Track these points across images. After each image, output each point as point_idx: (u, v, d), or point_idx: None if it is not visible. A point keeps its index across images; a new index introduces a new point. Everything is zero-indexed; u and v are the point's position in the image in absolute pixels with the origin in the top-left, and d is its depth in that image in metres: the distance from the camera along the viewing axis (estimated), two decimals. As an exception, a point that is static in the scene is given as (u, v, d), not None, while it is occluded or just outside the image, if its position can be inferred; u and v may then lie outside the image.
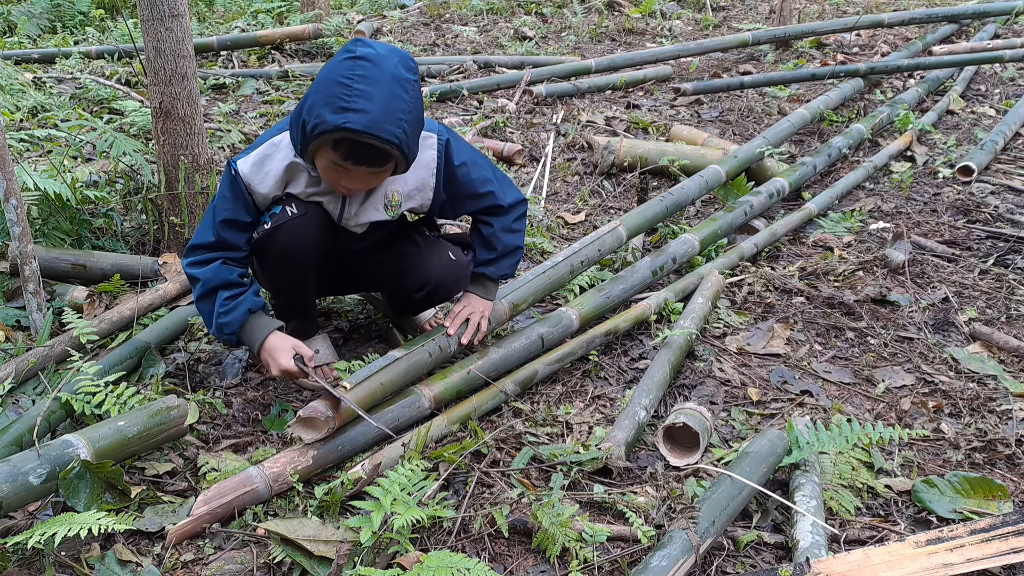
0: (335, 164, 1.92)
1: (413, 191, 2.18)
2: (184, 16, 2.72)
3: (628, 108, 4.91)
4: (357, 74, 1.82)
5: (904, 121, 4.37)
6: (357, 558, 1.65)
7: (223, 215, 2.08)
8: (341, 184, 2.00)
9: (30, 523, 1.77)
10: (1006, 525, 1.67)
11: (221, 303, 2.05)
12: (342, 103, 1.80)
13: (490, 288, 2.34)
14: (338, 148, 1.88)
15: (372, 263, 2.32)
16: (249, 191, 2.07)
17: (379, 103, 1.81)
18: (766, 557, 1.76)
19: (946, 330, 2.69)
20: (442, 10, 7.33)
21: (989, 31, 6.06)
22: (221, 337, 2.12)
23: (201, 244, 2.10)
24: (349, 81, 1.81)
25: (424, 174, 2.15)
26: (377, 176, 2.00)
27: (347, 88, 1.81)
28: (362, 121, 1.80)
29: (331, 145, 1.88)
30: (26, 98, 4.37)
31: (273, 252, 2.11)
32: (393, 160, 1.93)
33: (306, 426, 1.94)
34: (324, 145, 1.89)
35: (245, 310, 2.06)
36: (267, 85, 5.13)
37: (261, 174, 2.07)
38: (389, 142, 1.83)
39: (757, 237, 3.19)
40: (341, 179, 1.98)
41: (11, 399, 2.20)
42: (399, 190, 2.16)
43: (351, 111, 1.80)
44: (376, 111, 1.81)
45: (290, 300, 2.27)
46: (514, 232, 2.31)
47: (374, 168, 1.93)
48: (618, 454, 1.97)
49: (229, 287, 2.06)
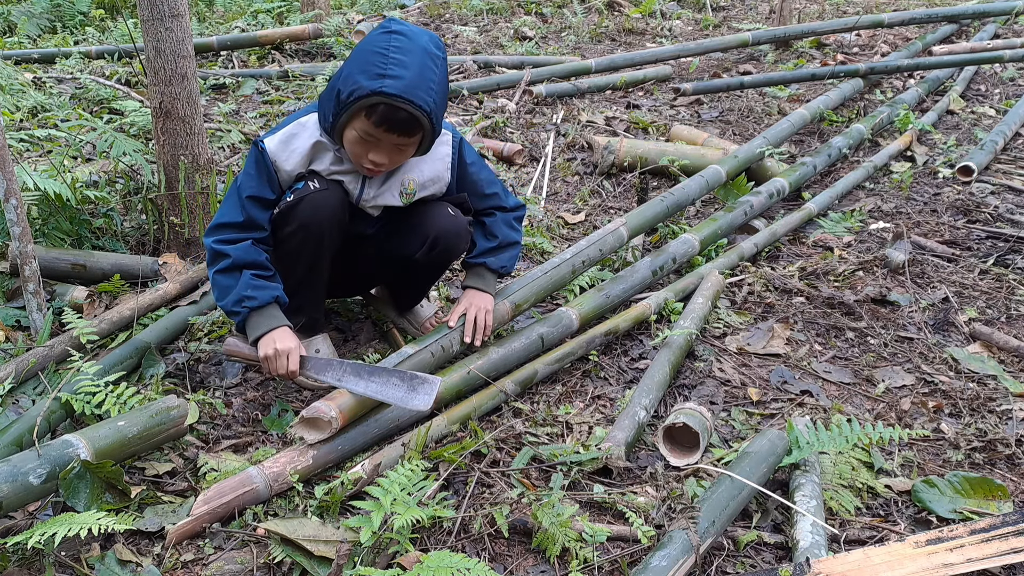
0: (366, 134, 2.00)
1: (428, 181, 2.24)
2: (184, 16, 2.72)
3: (628, 108, 4.91)
4: (393, 45, 1.94)
5: (904, 121, 4.37)
6: (357, 558, 1.65)
7: (249, 191, 2.12)
8: (368, 158, 2.05)
9: (30, 523, 1.77)
10: (1006, 525, 1.67)
11: (250, 278, 2.07)
12: (379, 70, 1.91)
13: (489, 280, 2.34)
14: (372, 114, 1.95)
15: (377, 240, 2.33)
16: (275, 168, 2.13)
17: (413, 71, 1.92)
18: (766, 557, 1.76)
19: (946, 330, 2.69)
20: (442, 10, 7.33)
21: (989, 31, 6.06)
22: (234, 308, 2.09)
23: (228, 223, 2.12)
24: (385, 51, 1.93)
25: (439, 167, 2.24)
26: (403, 150, 2.07)
27: (384, 56, 1.92)
28: (398, 86, 1.90)
29: (365, 112, 1.96)
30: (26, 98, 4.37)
31: (293, 224, 2.12)
32: (421, 132, 2.01)
33: (309, 426, 1.94)
34: (358, 113, 1.97)
35: (274, 296, 2.09)
36: (267, 85, 5.13)
37: (288, 151, 2.12)
38: (421, 108, 1.93)
39: (757, 237, 3.19)
40: (369, 151, 2.03)
41: (11, 399, 2.20)
42: (415, 179, 2.22)
43: (388, 77, 1.91)
44: (411, 77, 1.92)
45: (298, 285, 2.25)
46: (514, 228, 2.38)
47: (403, 137, 2.01)
48: (618, 454, 1.98)
49: (258, 267, 2.10)
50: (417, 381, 1.99)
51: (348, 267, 2.38)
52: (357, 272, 2.45)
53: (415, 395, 1.97)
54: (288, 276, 2.21)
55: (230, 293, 2.08)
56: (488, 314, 2.30)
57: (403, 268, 2.38)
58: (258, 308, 2.08)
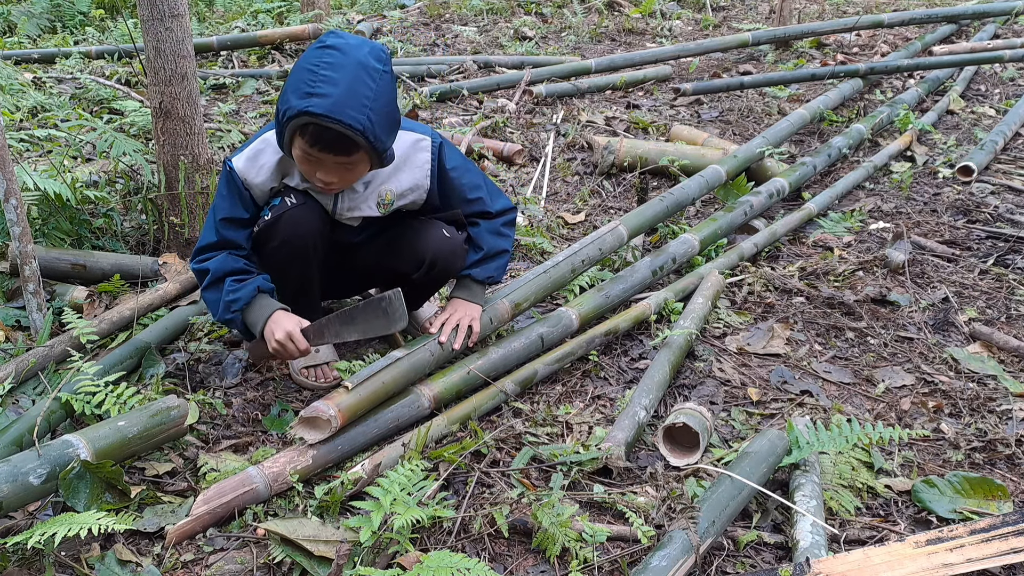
0: (306, 154, 1.96)
1: (407, 191, 2.20)
2: (184, 16, 2.72)
3: (628, 108, 4.91)
4: (324, 61, 1.87)
5: (904, 121, 4.37)
6: (357, 558, 1.65)
7: (222, 213, 2.12)
8: (317, 177, 2.01)
9: (30, 523, 1.77)
10: (1006, 525, 1.67)
11: (230, 284, 2.07)
12: (307, 88, 1.85)
13: (476, 291, 2.31)
14: (304, 134, 1.91)
15: (370, 253, 2.32)
16: (246, 186, 2.12)
17: (342, 88, 1.84)
18: (766, 557, 1.76)
19: (946, 330, 2.69)
20: (442, 10, 7.33)
21: (989, 31, 6.06)
22: (226, 317, 2.10)
23: (205, 245, 2.14)
24: (315, 68, 1.86)
25: (418, 175, 2.19)
26: (349, 170, 2.00)
27: (313, 74, 1.86)
28: (323, 105, 1.83)
29: (299, 132, 1.92)
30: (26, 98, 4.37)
31: (275, 242, 2.12)
32: (361, 150, 1.93)
33: (309, 426, 1.94)
34: (294, 133, 1.94)
35: (255, 287, 2.08)
36: (267, 85, 5.13)
37: (255, 167, 2.11)
38: (351, 127, 1.84)
39: (757, 237, 3.19)
40: (316, 170, 2.00)
41: (11, 399, 2.20)
42: (392, 189, 2.18)
43: (315, 95, 1.83)
44: (338, 95, 1.83)
45: (294, 296, 2.26)
46: (501, 236, 2.32)
47: (341, 157, 1.94)
48: (618, 454, 1.97)
49: (236, 273, 2.10)
50: (385, 303, 2.01)
51: (342, 272, 2.38)
52: (352, 274, 2.44)
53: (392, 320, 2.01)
54: (280, 289, 2.22)
55: (219, 305, 2.09)
56: (475, 321, 2.26)
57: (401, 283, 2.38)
58: (246, 305, 2.08)
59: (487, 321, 2.33)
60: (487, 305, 2.35)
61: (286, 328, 2.02)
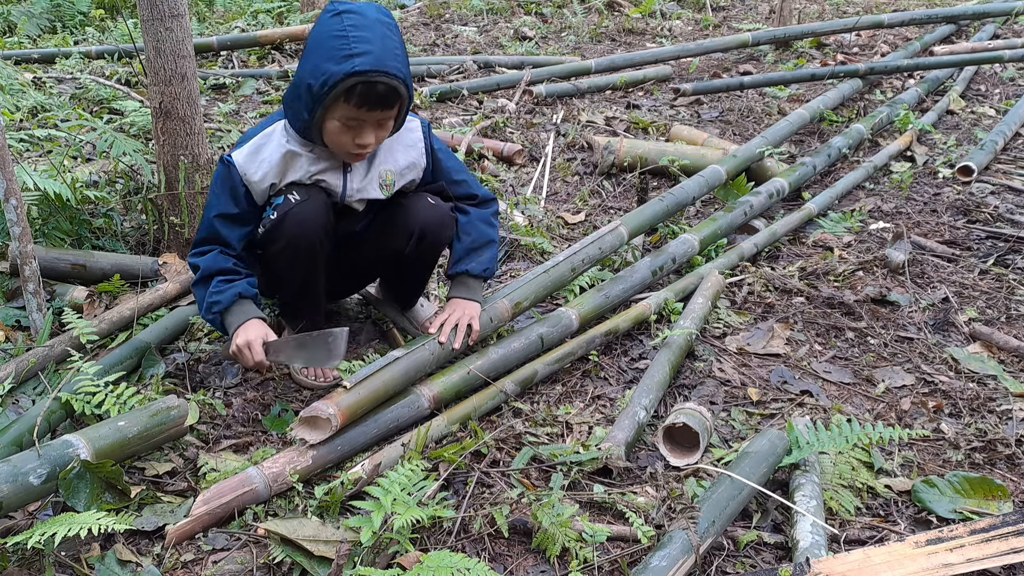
0: (348, 119, 1.99)
1: (405, 170, 2.25)
2: (184, 16, 2.72)
3: (628, 108, 4.91)
4: (348, 25, 1.92)
5: (904, 121, 4.37)
6: (357, 558, 1.65)
7: (215, 210, 2.13)
8: (354, 144, 2.03)
9: (30, 523, 1.77)
10: (1006, 525, 1.67)
11: (215, 285, 2.11)
12: (344, 52, 1.89)
13: (474, 287, 2.31)
14: (351, 97, 1.94)
15: (369, 241, 2.33)
16: (245, 182, 2.11)
17: (377, 44, 1.91)
18: (766, 557, 1.76)
19: (946, 330, 2.69)
20: (442, 10, 7.33)
21: (988, 31, 6.06)
22: (208, 317, 2.15)
23: (200, 239, 2.16)
24: (343, 33, 1.91)
25: (413, 154, 2.25)
26: (385, 124, 2.06)
27: (343, 39, 1.90)
28: (368, 61, 1.89)
29: (344, 97, 1.94)
30: (26, 98, 4.36)
31: (282, 241, 2.12)
32: (400, 101, 2.01)
33: (309, 426, 1.94)
34: (336, 101, 1.95)
35: (236, 293, 2.11)
36: (267, 85, 5.13)
37: (256, 162, 2.11)
38: (396, 76, 1.93)
39: (757, 237, 3.19)
40: (354, 136, 2.02)
41: (11, 399, 2.20)
42: (391, 169, 2.23)
43: (355, 55, 1.89)
44: (377, 50, 1.91)
45: (302, 295, 2.28)
46: (491, 225, 2.36)
47: (385, 111, 2.00)
48: (618, 454, 1.98)
49: (224, 273, 2.12)
50: (331, 339, 2.02)
51: (340, 269, 2.38)
52: (349, 273, 2.45)
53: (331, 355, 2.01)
54: (285, 290, 2.25)
55: (203, 304, 2.13)
56: (474, 319, 2.26)
57: (394, 264, 2.38)
58: (226, 309, 2.10)
59: (487, 321, 2.33)
60: (487, 304, 2.35)
61: (248, 337, 2.05)
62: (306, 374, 2.33)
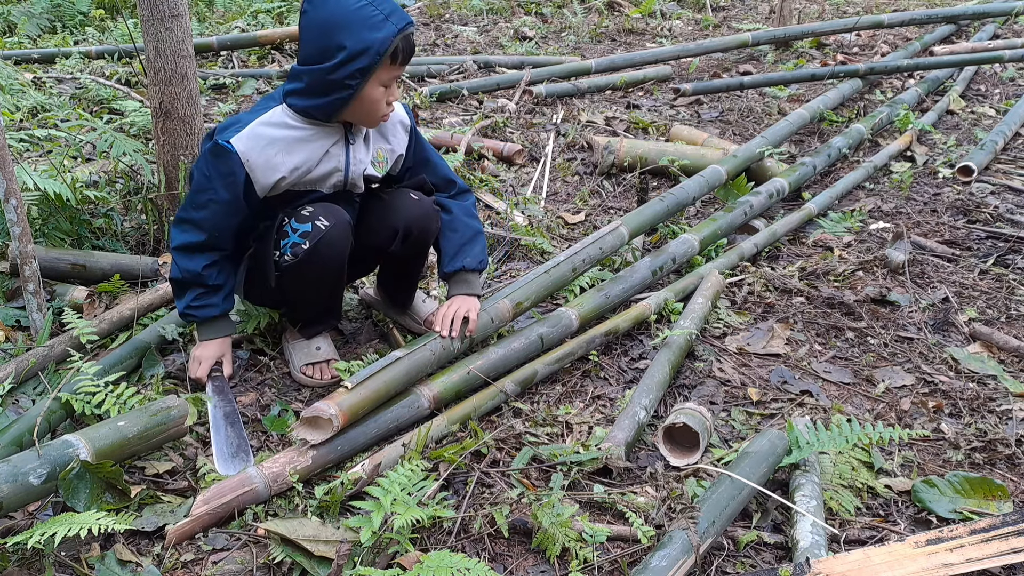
0: (389, 80, 2.03)
1: (393, 147, 2.30)
2: (184, 16, 2.72)
3: (628, 108, 4.91)
4: None
5: (904, 121, 4.37)
6: (357, 558, 1.65)
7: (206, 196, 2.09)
8: (387, 104, 2.09)
9: (30, 523, 1.77)
10: (1006, 525, 1.67)
11: (192, 298, 2.20)
12: (380, 16, 1.93)
13: (472, 281, 2.32)
14: (396, 57, 1.99)
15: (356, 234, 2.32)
16: (247, 169, 2.05)
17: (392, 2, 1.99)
18: (766, 557, 1.76)
19: (946, 330, 2.69)
20: (442, 10, 7.33)
21: (988, 31, 6.06)
22: (181, 318, 2.29)
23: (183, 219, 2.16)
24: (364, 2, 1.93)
25: (401, 132, 2.31)
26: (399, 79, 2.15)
27: (370, 5, 1.93)
28: (401, 16, 1.96)
29: (391, 57, 1.98)
30: (26, 98, 4.36)
31: (316, 270, 2.15)
32: None
33: (310, 427, 1.94)
34: (382, 65, 1.97)
35: (211, 315, 2.22)
36: (267, 85, 5.13)
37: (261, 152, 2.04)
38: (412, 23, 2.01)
39: (757, 237, 3.19)
40: (388, 96, 2.07)
41: (11, 399, 2.20)
42: (382, 147, 2.27)
43: (390, 16, 1.94)
44: (398, 7, 1.98)
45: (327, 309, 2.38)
46: (474, 217, 2.39)
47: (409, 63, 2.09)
48: (618, 454, 1.98)
49: (202, 286, 2.19)
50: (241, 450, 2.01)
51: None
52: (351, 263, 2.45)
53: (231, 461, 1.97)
54: (309, 308, 2.34)
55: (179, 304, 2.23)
56: (473, 311, 2.25)
57: (383, 261, 2.44)
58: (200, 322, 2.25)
59: (488, 320, 2.33)
60: (488, 304, 2.35)
61: (202, 355, 2.23)
62: (306, 372, 2.33)
